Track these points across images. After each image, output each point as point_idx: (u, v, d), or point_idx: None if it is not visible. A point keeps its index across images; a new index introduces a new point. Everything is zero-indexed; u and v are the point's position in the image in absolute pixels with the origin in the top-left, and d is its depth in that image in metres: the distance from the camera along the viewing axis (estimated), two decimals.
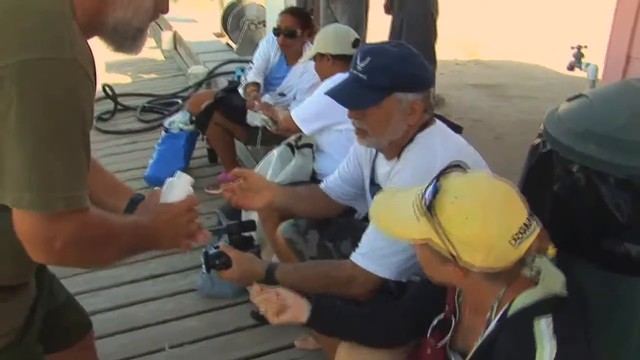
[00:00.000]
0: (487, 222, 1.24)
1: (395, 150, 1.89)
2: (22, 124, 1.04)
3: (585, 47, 2.94)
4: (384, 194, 1.50)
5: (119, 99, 5.90)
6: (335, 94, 1.88)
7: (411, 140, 1.85)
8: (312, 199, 2.23)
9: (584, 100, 1.76)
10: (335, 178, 2.22)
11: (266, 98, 3.81)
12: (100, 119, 5.62)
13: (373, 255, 1.79)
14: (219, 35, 8.54)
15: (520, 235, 1.25)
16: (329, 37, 3.01)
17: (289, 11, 3.96)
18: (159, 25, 10.28)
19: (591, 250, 1.60)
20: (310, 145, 3.00)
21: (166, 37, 8.68)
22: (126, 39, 1.29)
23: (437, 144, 1.82)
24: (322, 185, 2.25)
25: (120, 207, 1.54)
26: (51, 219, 1.09)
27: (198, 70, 6.36)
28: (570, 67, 2.99)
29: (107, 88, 5.78)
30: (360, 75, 1.79)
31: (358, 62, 1.80)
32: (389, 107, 1.78)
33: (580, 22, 8.60)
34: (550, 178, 1.67)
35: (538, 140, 1.77)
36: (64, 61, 1.06)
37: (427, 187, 1.31)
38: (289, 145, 3.11)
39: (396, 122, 1.81)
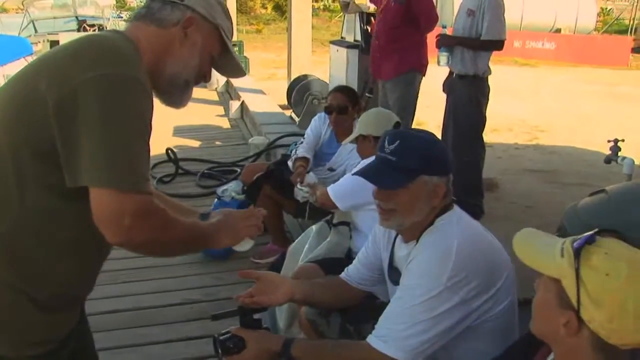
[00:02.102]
0: (626, 289, 1.20)
1: (415, 233, 1.94)
2: (100, 120, 1.31)
3: (623, 140, 2.94)
4: (531, 230, 1.45)
5: (181, 163, 6.14)
6: (366, 174, 1.96)
7: (431, 223, 1.91)
8: (332, 289, 2.26)
9: (602, 196, 1.79)
10: (355, 265, 2.28)
11: (310, 175, 3.92)
12: (160, 181, 5.83)
13: (390, 338, 1.81)
14: (284, 107, 8.85)
15: None
16: (371, 120, 3.10)
17: (339, 89, 4.14)
18: (229, 93, 10.76)
19: None
20: (347, 223, 3.07)
21: (234, 105, 9.04)
22: (177, 89, 1.60)
23: (454, 229, 1.87)
24: (342, 275, 2.29)
25: None
26: (121, 196, 1.32)
27: (259, 141, 6.58)
28: (608, 161, 2.99)
29: (169, 152, 6.03)
30: (390, 157, 1.88)
31: (386, 145, 1.90)
32: (416, 189, 1.86)
33: None
34: None
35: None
36: (131, 77, 1.38)
37: (583, 235, 1.30)
38: (327, 222, 3.20)
39: (421, 203, 1.88)
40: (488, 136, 7.88)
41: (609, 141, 2.96)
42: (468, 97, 4.79)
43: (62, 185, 1.34)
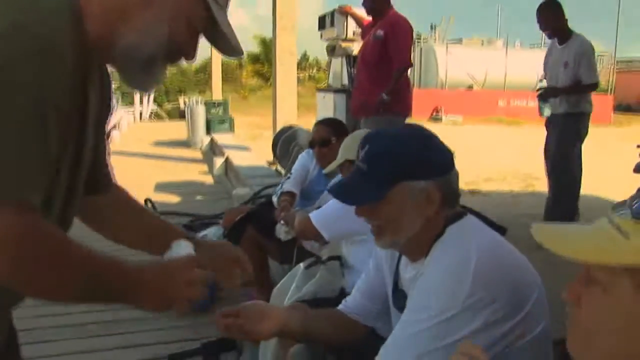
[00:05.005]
0: None
1: (422, 249, 1.58)
2: None
3: None
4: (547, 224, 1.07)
5: (161, 217, 5.81)
6: (334, 189, 1.67)
7: (441, 233, 1.56)
8: (331, 321, 1.92)
9: None
10: (354, 295, 1.94)
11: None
12: None
13: None
14: (271, 163, 8.62)
15: None
16: (358, 144, 2.80)
17: (321, 122, 3.94)
18: (213, 151, 10.55)
19: None
20: (337, 258, 2.72)
21: (218, 162, 8.84)
22: (137, 65, 1.20)
23: (469, 236, 1.52)
24: (340, 307, 1.96)
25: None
26: None
27: (243, 192, 6.34)
28: (637, 169, 2.77)
29: (149, 202, 5.78)
30: (361, 165, 1.55)
31: (360, 150, 1.58)
32: (398, 199, 1.51)
33: None
34: None
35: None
36: (38, 36, 1.00)
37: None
38: (317, 258, 2.85)
39: (410, 214, 1.53)
40: (481, 186, 7.70)
41: (638, 146, 2.77)
42: (573, 131, 5.38)
43: None
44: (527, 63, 22.58)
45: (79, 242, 1.09)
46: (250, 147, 9.73)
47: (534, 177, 8.59)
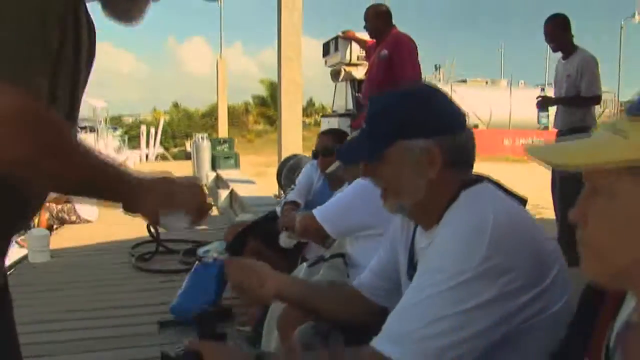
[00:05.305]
0: None
1: (433, 216, 1.47)
2: None
3: None
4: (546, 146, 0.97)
5: (164, 243, 5.87)
6: (340, 150, 1.72)
7: (454, 198, 1.45)
8: (339, 295, 1.83)
9: None
10: (367, 274, 1.84)
11: None
12: (141, 258, 5.59)
13: (404, 340, 1.30)
14: (277, 196, 8.56)
15: None
16: None
17: (324, 132, 3.92)
18: (218, 186, 10.50)
19: None
20: (341, 255, 2.62)
21: (223, 194, 8.80)
22: None
23: (486, 200, 1.41)
24: (355, 283, 1.86)
25: None
26: None
27: (246, 217, 6.23)
28: None
29: (152, 228, 5.71)
30: (364, 125, 1.53)
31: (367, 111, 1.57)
32: (396, 159, 1.45)
33: None
34: None
35: None
36: None
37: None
38: (321, 257, 2.75)
39: (410, 176, 1.45)
40: None
41: None
42: None
43: None
44: (531, 102, 22.62)
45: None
46: (255, 181, 9.69)
47: (542, 207, 8.48)
